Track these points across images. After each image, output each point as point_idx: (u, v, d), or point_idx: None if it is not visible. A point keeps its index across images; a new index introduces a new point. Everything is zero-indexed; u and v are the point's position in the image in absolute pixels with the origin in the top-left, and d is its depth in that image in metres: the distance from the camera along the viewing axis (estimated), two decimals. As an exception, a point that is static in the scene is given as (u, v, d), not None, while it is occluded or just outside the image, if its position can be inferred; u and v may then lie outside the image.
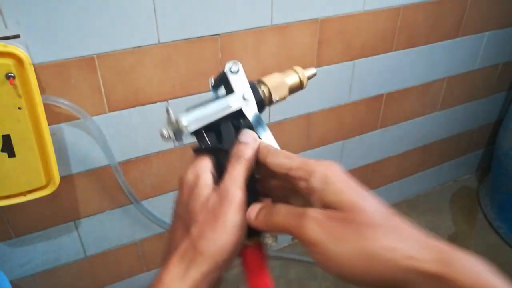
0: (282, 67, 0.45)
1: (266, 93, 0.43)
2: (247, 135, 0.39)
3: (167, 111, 0.40)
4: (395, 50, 1.33)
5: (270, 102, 0.43)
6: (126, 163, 1.08)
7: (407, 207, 1.78)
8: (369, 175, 1.61)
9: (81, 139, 0.99)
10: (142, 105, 1.02)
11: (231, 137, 0.40)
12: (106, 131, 0.99)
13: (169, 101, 1.04)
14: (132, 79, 0.97)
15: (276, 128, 1.27)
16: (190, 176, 0.38)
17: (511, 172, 1.57)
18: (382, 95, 1.41)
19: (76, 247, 1.15)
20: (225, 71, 0.41)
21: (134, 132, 1.04)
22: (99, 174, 1.06)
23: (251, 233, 0.38)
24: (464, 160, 1.89)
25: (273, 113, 1.23)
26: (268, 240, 0.40)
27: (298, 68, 0.45)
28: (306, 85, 0.45)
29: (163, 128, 0.39)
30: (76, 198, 1.06)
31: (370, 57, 1.29)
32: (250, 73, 0.41)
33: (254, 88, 0.42)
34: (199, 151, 0.40)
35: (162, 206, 1.19)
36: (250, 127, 0.41)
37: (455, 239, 1.64)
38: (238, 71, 0.41)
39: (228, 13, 1.00)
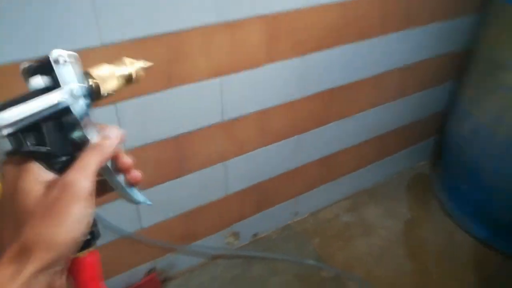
0: (234, 65, 0.43)
1: (94, 87, 0.38)
2: (112, 130, 0.38)
3: None
4: (346, 43, 1.34)
5: (98, 96, 0.38)
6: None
7: (367, 196, 1.82)
8: (326, 167, 1.63)
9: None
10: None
11: (56, 137, 0.35)
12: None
13: (116, 103, 1.01)
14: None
15: (231, 126, 1.26)
16: (9, 172, 0.34)
17: (459, 157, 1.63)
18: (334, 88, 1.42)
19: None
20: (51, 60, 0.34)
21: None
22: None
23: (85, 245, 0.38)
24: (418, 148, 1.95)
25: (227, 111, 1.21)
26: (230, 238, 0.40)
27: (127, 59, 0.41)
28: (138, 77, 0.41)
29: None
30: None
31: (320, 51, 1.30)
32: (202, 71, 0.39)
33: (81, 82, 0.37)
34: (12, 154, 0.34)
35: (116, 213, 1.16)
36: (77, 124, 0.36)
37: (412, 224, 1.69)
38: (67, 61, 0.35)
39: (172, 10, 0.98)
